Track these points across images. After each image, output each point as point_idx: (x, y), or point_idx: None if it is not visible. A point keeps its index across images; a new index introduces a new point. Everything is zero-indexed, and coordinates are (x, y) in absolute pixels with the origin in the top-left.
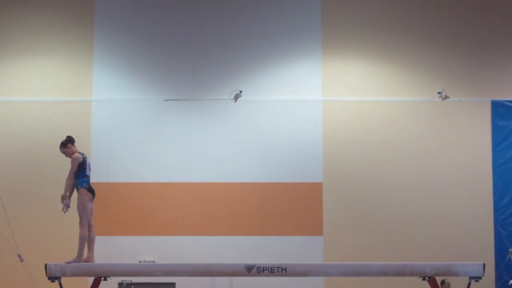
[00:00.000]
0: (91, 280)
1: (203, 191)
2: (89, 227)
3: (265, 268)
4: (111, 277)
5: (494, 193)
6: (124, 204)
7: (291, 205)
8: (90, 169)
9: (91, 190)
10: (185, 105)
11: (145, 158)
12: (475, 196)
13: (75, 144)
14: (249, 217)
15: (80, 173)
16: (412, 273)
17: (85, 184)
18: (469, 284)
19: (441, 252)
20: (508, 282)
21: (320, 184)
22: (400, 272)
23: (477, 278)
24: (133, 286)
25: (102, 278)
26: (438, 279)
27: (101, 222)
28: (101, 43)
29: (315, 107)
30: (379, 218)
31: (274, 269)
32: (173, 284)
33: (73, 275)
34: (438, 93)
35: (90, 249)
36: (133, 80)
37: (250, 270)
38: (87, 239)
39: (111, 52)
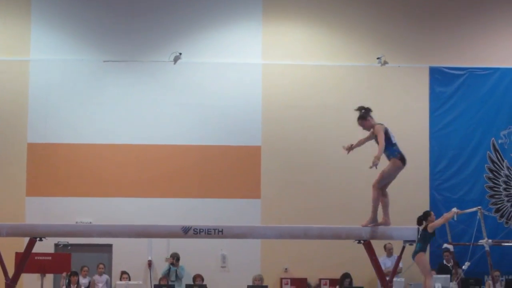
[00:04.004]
0: (27, 240)
1: (142, 153)
2: (385, 192)
3: (201, 230)
4: (47, 238)
5: (431, 159)
6: (61, 165)
7: (229, 168)
8: (393, 136)
9: (402, 159)
10: (124, 67)
11: (83, 119)
12: (412, 161)
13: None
14: (188, 179)
15: (387, 143)
16: (348, 237)
17: (396, 152)
18: (403, 248)
19: (378, 217)
20: (442, 245)
21: (259, 147)
22: (336, 235)
23: (412, 242)
24: (69, 247)
25: (38, 239)
26: (378, 243)
27: (38, 182)
28: (39, 2)
29: (255, 70)
30: (317, 182)
31: (210, 231)
32: (110, 246)
33: (8, 235)
34: (377, 58)
35: (386, 212)
36: (72, 40)
37: (186, 231)
38: (380, 202)
39: (49, 12)
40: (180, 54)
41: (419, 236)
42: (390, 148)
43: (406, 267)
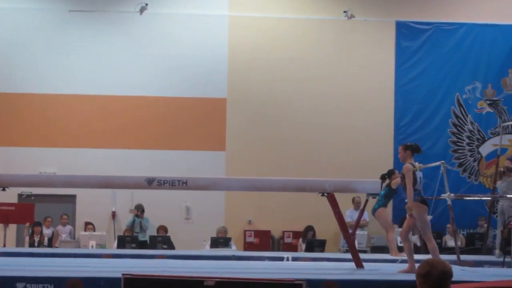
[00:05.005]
0: None
1: (106, 103)
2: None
3: (165, 181)
4: (10, 188)
5: (395, 113)
6: (25, 115)
7: (194, 120)
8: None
9: (424, 202)
10: (89, 17)
11: (48, 69)
12: (377, 115)
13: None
14: (152, 130)
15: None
16: (311, 189)
17: (417, 197)
18: (366, 201)
19: (342, 171)
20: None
21: (224, 99)
22: (300, 187)
23: (375, 195)
24: (33, 198)
25: (1, 189)
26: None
27: (1, 132)
28: None
29: (221, 22)
30: (282, 135)
31: (175, 182)
32: (74, 196)
33: None
34: (344, 12)
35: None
36: None
37: (150, 183)
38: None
39: None
40: (146, 4)
41: (382, 192)
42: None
43: (370, 219)
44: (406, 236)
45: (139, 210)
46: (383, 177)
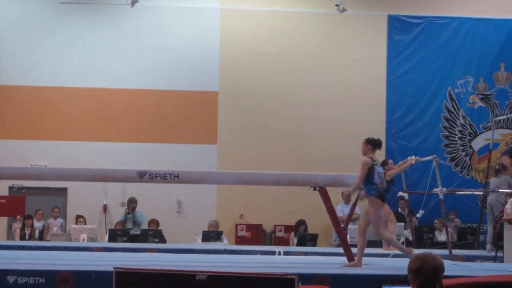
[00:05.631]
0: None
1: (97, 96)
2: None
3: (157, 175)
4: (0, 180)
5: (387, 107)
6: (16, 108)
7: (186, 113)
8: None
9: (380, 197)
10: (81, 9)
11: (39, 62)
12: (369, 109)
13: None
14: (144, 124)
15: (368, 180)
16: (303, 183)
17: (373, 191)
18: (358, 194)
19: (334, 165)
20: (397, 193)
21: (216, 93)
22: (292, 181)
23: None
24: (24, 190)
25: None
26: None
27: None
28: None
29: (212, 15)
30: (274, 129)
31: (166, 176)
32: (65, 189)
33: None
34: (336, 5)
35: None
36: None
37: (142, 176)
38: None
39: None
40: None
41: None
42: (369, 186)
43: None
44: (364, 231)
45: (130, 207)
46: None
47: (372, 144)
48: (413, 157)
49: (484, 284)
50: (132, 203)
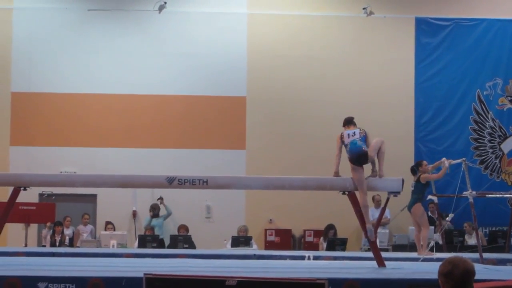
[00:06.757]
0: (11, 190)
1: (127, 103)
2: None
3: (186, 180)
4: (31, 187)
5: (416, 110)
6: (46, 115)
7: (214, 119)
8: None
9: (352, 159)
10: (109, 16)
11: (67, 69)
12: (397, 113)
13: None
14: (173, 129)
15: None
16: (332, 188)
17: (348, 153)
18: (387, 199)
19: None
20: (427, 197)
21: (244, 98)
22: (321, 186)
23: (396, 193)
24: (54, 197)
25: (22, 188)
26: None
27: (22, 132)
28: None
29: (240, 20)
30: (302, 133)
31: (195, 181)
32: (95, 196)
33: None
34: (363, 9)
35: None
36: None
37: (171, 182)
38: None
39: None
40: (165, 3)
41: (412, 188)
42: (347, 150)
43: (393, 217)
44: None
45: (153, 213)
46: (412, 170)
47: (344, 121)
48: (445, 159)
49: None
50: (155, 209)
